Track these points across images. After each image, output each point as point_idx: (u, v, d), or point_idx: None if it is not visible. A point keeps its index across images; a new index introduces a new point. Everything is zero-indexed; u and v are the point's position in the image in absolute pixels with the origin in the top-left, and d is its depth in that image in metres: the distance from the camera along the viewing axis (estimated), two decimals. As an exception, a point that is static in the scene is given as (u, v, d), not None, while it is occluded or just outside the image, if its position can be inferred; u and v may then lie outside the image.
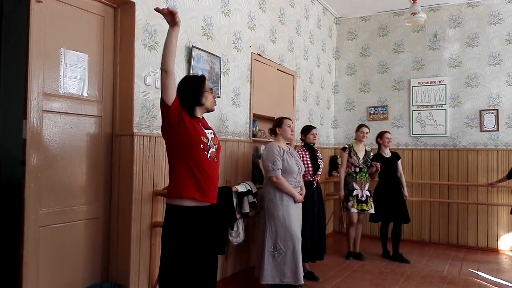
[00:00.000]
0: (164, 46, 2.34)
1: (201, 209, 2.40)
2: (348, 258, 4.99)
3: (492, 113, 5.72)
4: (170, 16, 2.29)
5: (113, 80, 3.07)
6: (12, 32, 3.37)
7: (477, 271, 4.64)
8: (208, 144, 2.45)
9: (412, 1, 4.98)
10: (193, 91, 2.48)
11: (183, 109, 2.40)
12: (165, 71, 2.30)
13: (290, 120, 3.88)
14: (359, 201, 4.85)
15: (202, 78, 2.56)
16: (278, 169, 3.55)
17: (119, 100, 3.07)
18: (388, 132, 5.17)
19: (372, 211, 4.91)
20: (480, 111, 5.80)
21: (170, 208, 2.41)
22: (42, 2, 2.55)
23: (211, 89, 2.59)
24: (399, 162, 5.16)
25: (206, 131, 2.49)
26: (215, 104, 2.64)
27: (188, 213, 2.36)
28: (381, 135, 5.14)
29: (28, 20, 2.49)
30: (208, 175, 2.43)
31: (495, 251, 5.55)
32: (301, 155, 4.09)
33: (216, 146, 2.54)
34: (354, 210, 4.84)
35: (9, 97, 2.80)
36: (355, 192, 4.86)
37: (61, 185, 2.71)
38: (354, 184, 4.87)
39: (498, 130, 5.67)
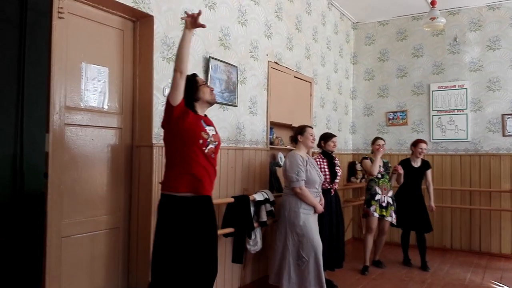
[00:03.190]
0: (180, 48, 2.44)
1: (194, 199, 2.46)
2: (363, 273, 4.73)
3: (515, 117, 5.59)
4: (194, 19, 2.44)
5: (133, 92, 3.13)
6: (35, 48, 3.48)
7: (501, 279, 4.53)
8: (208, 140, 2.53)
9: (431, 6, 4.92)
10: (188, 89, 2.54)
11: (188, 108, 2.50)
12: (180, 71, 2.40)
13: (312, 128, 3.88)
14: (381, 206, 4.76)
15: (192, 76, 2.64)
16: (302, 180, 3.57)
17: (138, 112, 3.13)
18: (424, 142, 4.98)
19: (390, 219, 4.78)
20: (503, 115, 5.67)
21: (164, 197, 2.47)
22: (63, 18, 2.63)
23: (205, 82, 2.66)
24: (429, 171, 5.03)
25: (207, 127, 2.57)
26: (214, 95, 2.71)
27: (181, 202, 2.42)
28: (416, 143, 4.99)
29: (50, 35, 2.58)
30: (205, 170, 2.51)
31: (520, 259, 5.42)
32: (318, 163, 4.08)
33: (216, 143, 2.61)
34: (376, 214, 4.71)
35: (32, 111, 2.89)
36: (377, 197, 4.76)
37: (82, 196, 2.78)
38: (377, 189, 4.77)
39: (521, 134, 5.54)
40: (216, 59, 3.65)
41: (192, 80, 2.60)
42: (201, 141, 2.48)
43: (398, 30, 6.46)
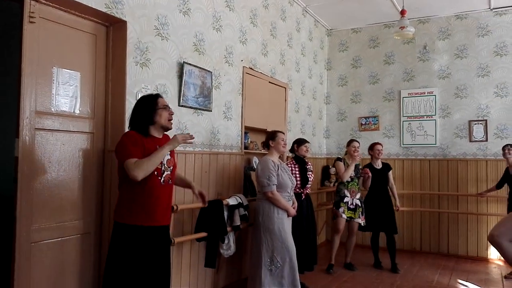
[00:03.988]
0: (153, 164, 2.38)
1: (148, 229, 2.45)
2: (328, 272, 4.90)
3: (481, 123, 5.82)
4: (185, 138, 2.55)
5: (105, 97, 3.12)
6: (4, 52, 3.43)
7: (467, 281, 4.70)
8: (162, 168, 2.50)
9: (401, 15, 5.07)
10: (145, 110, 2.52)
11: (137, 133, 2.47)
12: (136, 178, 2.33)
13: (283, 133, 3.95)
14: (349, 209, 4.91)
15: (155, 97, 2.59)
16: (274, 184, 3.62)
17: (111, 116, 3.12)
18: (379, 144, 5.22)
19: (359, 221, 4.93)
20: (469, 121, 5.89)
21: (117, 225, 2.47)
22: (35, 23, 2.61)
23: (166, 106, 2.59)
24: (390, 173, 5.23)
25: None
26: (171, 121, 2.63)
27: (134, 232, 2.42)
28: (372, 147, 5.20)
29: (21, 40, 2.55)
30: (159, 200, 2.50)
31: (485, 260, 5.62)
32: (290, 168, 4.15)
33: (171, 168, 2.58)
34: (344, 216, 4.86)
35: (1, 116, 2.86)
36: (346, 199, 4.90)
37: (52, 201, 2.75)
38: (346, 192, 4.91)
39: (487, 140, 5.76)
40: (190, 64, 3.67)
41: (151, 101, 2.54)
42: (155, 172, 2.44)
43: (371, 38, 6.62)
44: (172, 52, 3.50)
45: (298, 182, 4.16)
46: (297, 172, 4.20)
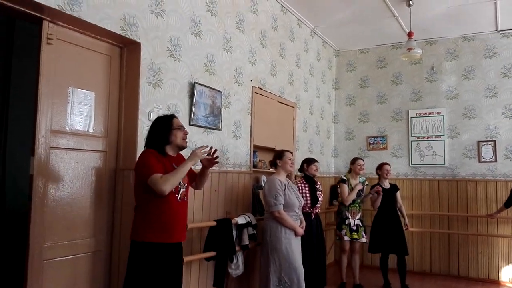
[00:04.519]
0: (178, 178, 2.50)
1: (165, 246, 2.51)
2: None
3: (489, 144, 5.81)
4: (210, 161, 2.71)
5: (118, 116, 3.18)
6: (22, 71, 3.52)
7: (478, 304, 4.63)
8: (179, 186, 2.57)
9: (408, 37, 5.14)
10: (161, 130, 2.62)
11: (158, 153, 2.54)
12: (164, 192, 2.43)
13: (291, 153, 3.98)
14: (351, 230, 4.94)
15: (170, 117, 2.69)
16: (280, 204, 3.63)
17: (123, 135, 3.18)
18: (388, 164, 5.22)
19: (364, 240, 4.98)
20: (478, 142, 5.88)
21: (136, 244, 2.51)
22: (52, 44, 2.69)
23: (181, 126, 2.71)
24: (398, 193, 5.21)
25: None
26: (186, 141, 2.75)
27: (152, 250, 2.46)
28: (380, 167, 5.20)
29: (39, 61, 2.63)
30: (177, 217, 2.57)
31: (496, 282, 5.53)
32: (300, 187, 4.16)
33: (186, 185, 2.67)
34: (347, 238, 4.93)
35: (17, 134, 2.93)
36: (347, 221, 4.95)
37: (65, 219, 2.78)
38: (347, 213, 4.97)
39: (496, 161, 5.74)
40: (201, 84, 3.74)
41: (167, 122, 2.66)
42: (172, 190, 2.52)
43: (378, 58, 6.69)
44: (183, 72, 3.57)
45: (308, 202, 4.16)
46: (307, 192, 4.21)
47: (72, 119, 2.85)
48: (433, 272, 5.94)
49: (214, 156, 2.80)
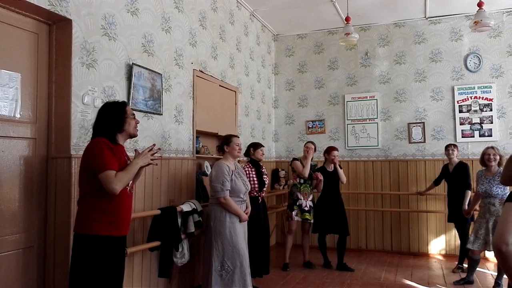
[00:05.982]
0: (131, 175, 2.40)
1: (114, 239, 2.41)
2: (284, 270, 5.12)
3: (419, 126, 6.17)
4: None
5: (48, 100, 2.91)
6: None
7: (411, 276, 4.93)
8: None
9: (346, 22, 5.25)
10: (115, 118, 2.49)
11: (106, 139, 2.40)
12: (116, 192, 2.31)
13: (238, 138, 3.92)
14: (303, 211, 5.09)
15: (123, 105, 2.57)
16: (227, 189, 3.58)
17: (54, 120, 2.92)
18: (336, 150, 5.26)
19: (312, 221, 5.17)
20: (408, 124, 6.23)
21: (81, 237, 2.37)
22: (-32, 18, 2.38)
23: (133, 114, 2.62)
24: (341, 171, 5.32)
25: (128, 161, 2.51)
26: (137, 129, 2.65)
27: (101, 243, 2.35)
28: (328, 151, 5.25)
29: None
30: (127, 209, 2.48)
31: (426, 255, 5.94)
32: (247, 172, 4.13)
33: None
34: (297, 218, 5.09)
35: None
36: (299, 202, 5.09)
37: (-10, 214, 2.51)
38: (299, 194, 5.11)
39: (425, 141, 6.12)
40: (139, 66, 3.54)
41: (120, 109, 2.52)
42: None
43: (315, 44, 6.80)
44: (120, 53, 3.35)
45: (256, 186, 4.15)
46: (254, 176, 4.20)
47: (-5, 103, 2.55)
48: (369, 248, 6.26)
49: (156, 157, 2.64)
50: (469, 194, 4.86)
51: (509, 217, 1.50)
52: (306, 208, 5.10)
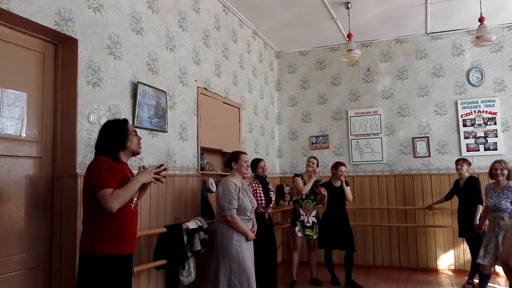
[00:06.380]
0: (131, 192, 2.35)
1: (120, 258, 2.38)
2: (292, 287, 5.07)
3: (423, 140, 6.15)
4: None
5: (54, 118, 2.92)
6: None
7: (420, 292, 4.85)
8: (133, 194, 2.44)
9: (348, 38, 5.30)
10: (116, 135, 2.47)
11: (108, 158, 2.38)
12: (113, 210, 2.26)
13: (246, 154, 3.91)
14: (304, 227, 5.04)
15: (124, 122, 2.56)
16: (234, 208, 3.55)
17: (60, 139, 2.92)
18: (344, 165, 5.24)
19: (316, 237, 5.11)
20: (413, 138, 6.21)
21: (86, 257, 2.34)
22: (-24, 39, 2.41)
23: (135, 131, 2.60)
24: (348, 188, 5.27)
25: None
26: (141, 147, 2.64)
27: (107, 262, 2.32)
28: (336, 166, 5.23)
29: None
30: (131, 227, 2.45)
31: (435, 271, 5.85)
32: (254, 188, 4.12)
33: (137, 194, 2.54)
34: (300, 234, 5.04)
35: None
36: (301, 218, 5.06)
37: (-4, 234, 2.49)
38: (301, 210, 5.08)
39: (429, 156, 6.09)
40: (144, 84, 3.56)
41: (122, 127, 2.51)
42: None
43: (318, 60, 6.85)
44: (125, 71, 3.37)
45: (263, 202, 4.13)
46: (261, 192, 4.18)
47: (2, 123, 2.56)
48: (377, 264, 6.17)
49: (163, 175, 2.65)
50: (481, 208, 4.78)
51: None
52: (308, 224, 5.04)
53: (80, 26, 2.95)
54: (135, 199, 2.46)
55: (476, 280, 4.84)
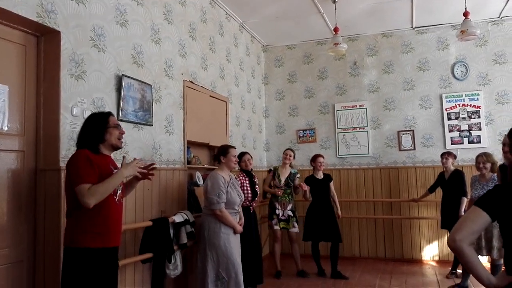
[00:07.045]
0: (107, 189, 2.31)
1: (105, 251, 2.37)
2: (277, 277, 5.16)
3: (408, 133, 6.22)
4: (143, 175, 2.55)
5: (36, 112, 2.88)
6: None
7: (405, 283, 4.92)
8: (116, 187, 2.43)
9: (334, 32, 5.31)
10: (96, 128, 2.45)
11: (89, 151, 2.36)
12: (89, 205, 2.24)
13: (235, 149, 3.91)
14: (280, 220, 5.16)
15: (106, 115, 2.53)
16: (223, 202, 3.57)
17: (43, 133, 2.88)
18: (321, 156, 5.40)
19: (295, 229, 5.19)
20: (398, 132, 6.28)
21: (71, 251, 2.32)
22: (-46, 30, 2.36)
23: (118, 125, 2.56)
24: (331, 183, 5.38)
25: (115, 171, 2.46)
26: (122, 141, 2.59)
27: (92, 256, 2.30)
28: (314, 159, 5.37)
29: None
30: (116, 220, 2.44)
31: (419, 261, 5.95)
32: (241, 181, 4.13)
33: (121, 187, 2.53)
34: (276, 227, 5.17)
35: None
36: (277, 212, 5.18)
37: (-23, 229, 2.46)
38: (276, 204, 5.20)
39: (414, 149, 6.16)
40: (129, 77, 3.53)
41: (103, 119, 2.48)
42: (111, 191, 2.37)
43: (305, 54, 6.86)
44: (109, 64, 3.34)
45: (249, 195, 4.15)
46: (248, 186, 4.19)
47: (-18, 116, 2.52)
48: (362, 256, 6.25)
49: (151, 171, 2.64)
50: (465, 201, 4.84)
51: (466, 218, 1.59)
52: (283, 218, 5.16)
53: (63, 18, 2.91)
54: (119, 191, 2.45)
55: (459, 270, 4.94)
